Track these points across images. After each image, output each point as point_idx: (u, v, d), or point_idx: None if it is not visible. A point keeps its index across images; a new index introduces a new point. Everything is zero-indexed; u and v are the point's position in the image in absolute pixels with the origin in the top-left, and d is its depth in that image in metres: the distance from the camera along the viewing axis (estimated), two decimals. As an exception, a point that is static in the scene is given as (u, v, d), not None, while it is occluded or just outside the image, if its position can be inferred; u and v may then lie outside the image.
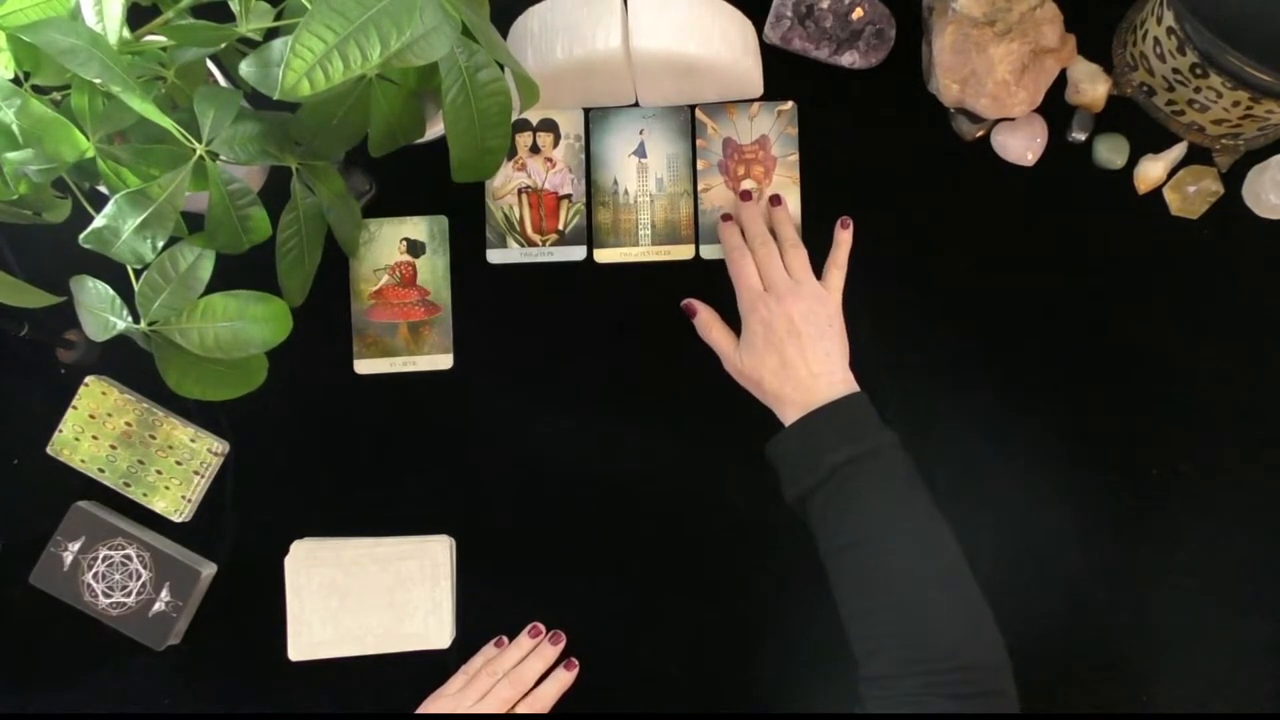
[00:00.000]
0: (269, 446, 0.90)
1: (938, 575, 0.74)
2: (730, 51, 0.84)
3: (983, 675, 0.71)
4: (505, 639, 0.87)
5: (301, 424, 0.90)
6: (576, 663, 0.87)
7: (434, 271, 0.91)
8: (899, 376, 0.89)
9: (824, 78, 0.91)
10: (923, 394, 0.89)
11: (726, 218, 0.88)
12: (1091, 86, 0.88)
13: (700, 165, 0.91)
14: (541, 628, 0.87)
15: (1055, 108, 0.89)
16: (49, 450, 0.88)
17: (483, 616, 0.88)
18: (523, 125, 0.92)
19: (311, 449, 0.90)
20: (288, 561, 0.88)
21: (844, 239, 0.88)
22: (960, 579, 0.74)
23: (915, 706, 0.69)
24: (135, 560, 0.86)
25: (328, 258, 0.82)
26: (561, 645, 0.87)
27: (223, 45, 0.69)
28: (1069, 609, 0.87)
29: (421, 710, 0.85)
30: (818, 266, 0.87)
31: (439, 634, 0.88)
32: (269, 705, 0.88)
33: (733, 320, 0.87)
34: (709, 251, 0.90)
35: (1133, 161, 0.89)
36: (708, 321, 0.87)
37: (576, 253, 0.91)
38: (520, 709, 0.84)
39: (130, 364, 0.87)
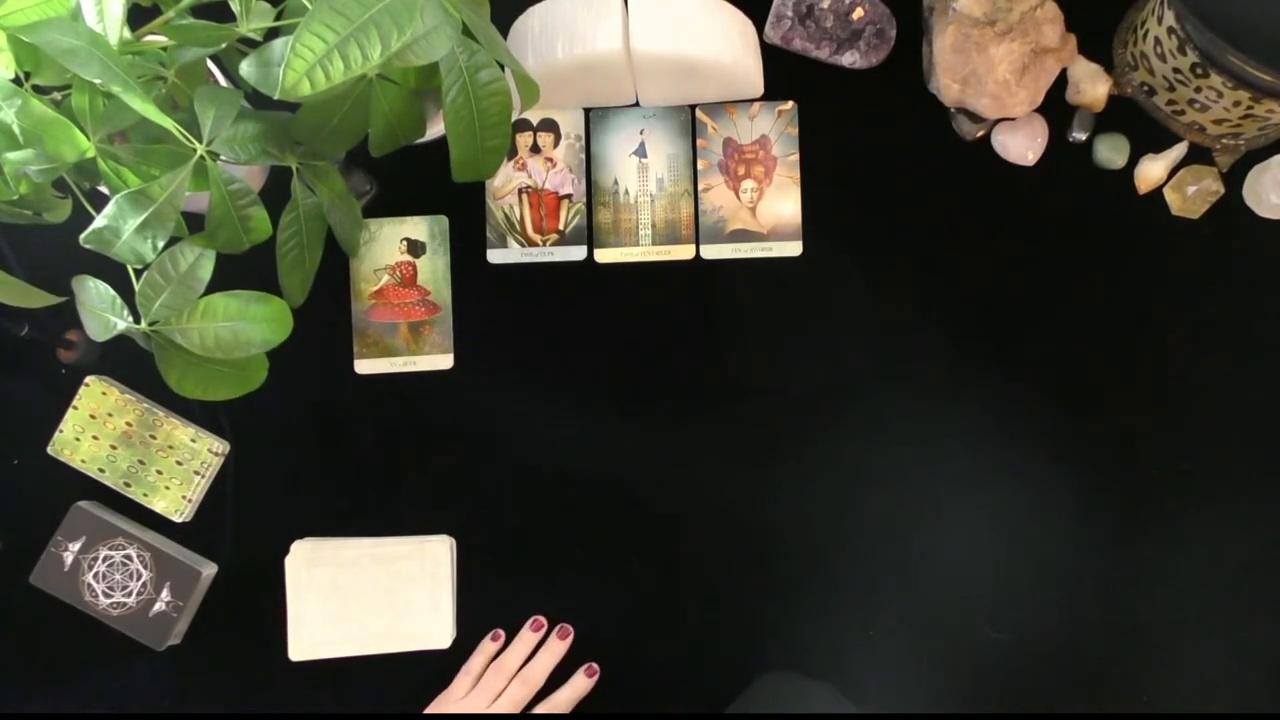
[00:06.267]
0: (269, 446, 0.90)
1: None
2: (730, 51, 0.84)
3: None
4: (501, 632, 0.87)
5: (301, 424, 0.90)
6: (597, 668, 0.86)
7: (434, 271, 0.91)
8: (898, 376, 0.89)
9: (824, 78, 0.91)
10: (923, 393, 0.89)
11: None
12: (1092, 86, 0.88)
13: (701, 165, 0.91)
14: (544, 621, 0.87)
15: (1056, 108, 0.89)
16: (49, 450, 0.88)
17: (483, 616, 0.88)
18: (523, 125, 0.92)
19: (311, 449, 0.90)
20: (288, 561, 0.88)
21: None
22: None
23: None
24: (135, 560, 0.86)
25: (328, 258, 0.82)
26: (569, 640, 0.87)
27: (223, 45, 0.69)
28: (1069, 609, 0.87)
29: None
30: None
31: (439, 634, 0.88)
32: (269, 705, 0.88)
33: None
34: (709, 251, 0.90)
35: (1133, 161, 0.89)
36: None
37: (577, 253, 0.91)
38: (539, 711, 0.84)
39: (130, 364, 0.87)
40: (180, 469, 0.88)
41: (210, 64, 0.80)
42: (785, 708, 0.82)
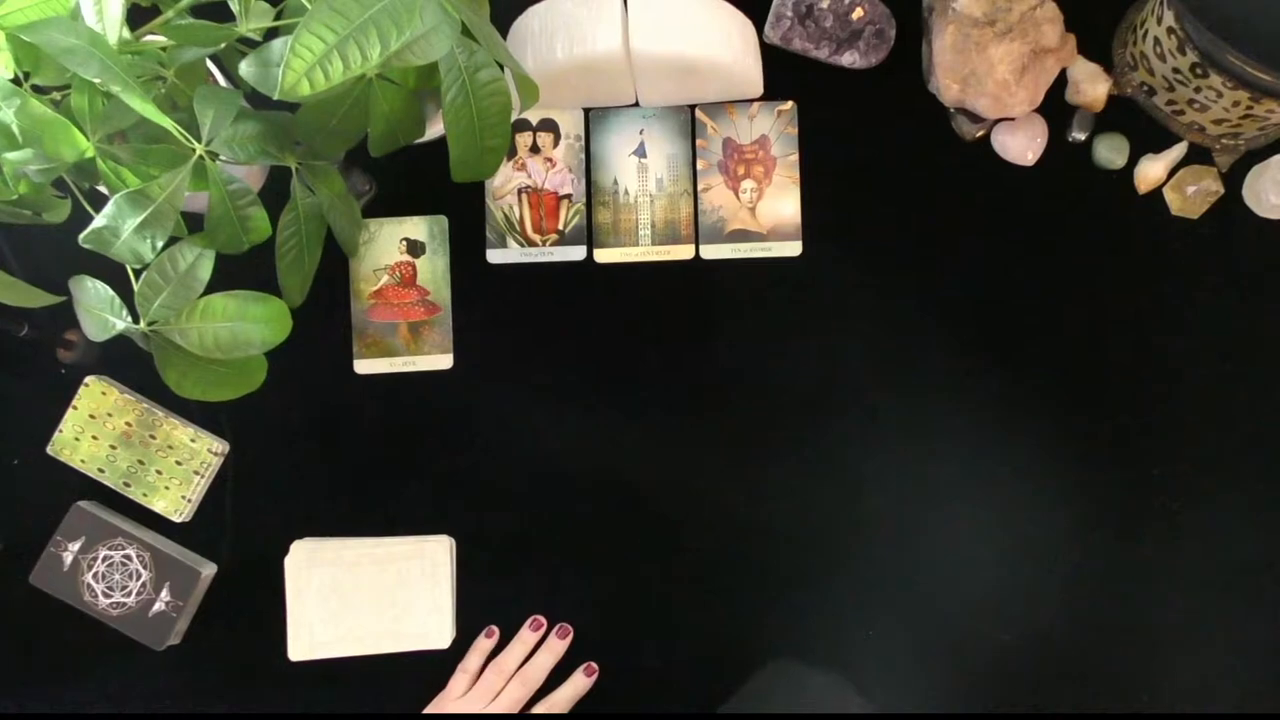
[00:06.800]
0: (269, 446, 0.90)
1: None
2: (730, 51, 0.84)
3: None
4: (496, 629, 0.87)
5: (301, 424, 0.90)
6: (596, 667, 0.86)
7: (434, 271, 0.91)
8: (899, 376, 0.89)
9: (824, 78, 0.91)
10: (923, 393, 0.89)
11: None
12: (1091, 86, 0.88)
13: (700, 165, 0.91)
14: (543, 620, 0.87)
15: (1055, 108, 0.89)
16: (49, 450, 0.88)
17: (483, 616, 0.88)
18: (523, 125, 0.92)
19: (311, 449, 0.90)
20: (288, 561, 0.88)
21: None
22: None
23: None
24: (135, 560, 0.86)
25: (328, 258, 0.82)
26: (569, 639, 0.86)
27: (223, 45, 0.69)
28: (1069, 609, 0.87)
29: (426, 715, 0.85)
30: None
31: (439, 634, 0.88)
32: (269, 705, 0.88)
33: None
34: (709, 251, 0.90)
35: (1133, 161, 0.89)
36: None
37: (576, 253, 0.91)
38: (538, 710, 0.84)
39: (130, 364, 0.87)
40: (180, 469, 0.88)
41: (210, 64, 0.80)
42: (789, 695, 0.82)
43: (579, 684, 0.86)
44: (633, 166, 0.91)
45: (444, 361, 0.90)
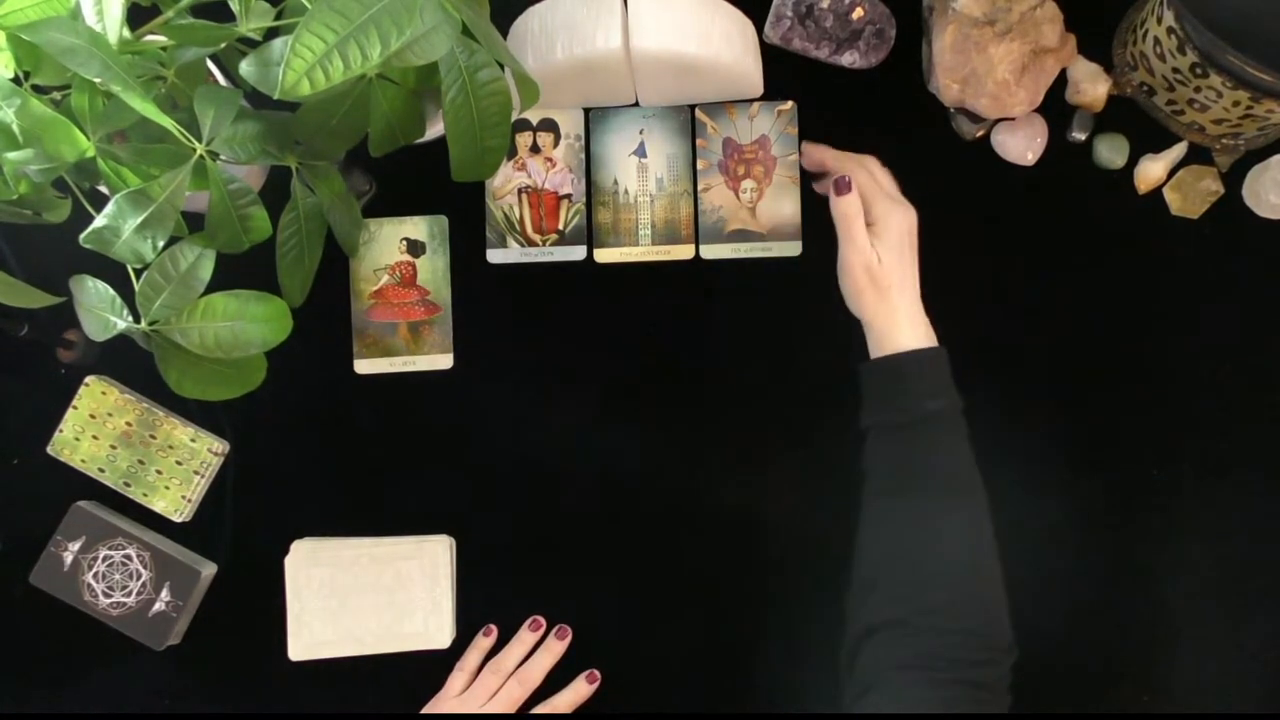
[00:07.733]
0: (269, 446, 0.90)
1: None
2: (730, 51, 0.84)
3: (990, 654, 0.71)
4: (494, 628, 0.87)
5: (301, 424, 0.90)
6: (599, 676, 0.86)
7: (434, 271, 0.91)
8: (899, 376, 0.89)
9: (824, 78, 0.91)
10: (923, 394, 0.89)
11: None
12: (1092, 86, 0.88)
13: (700, 165, 0.91)
14: (542, 621, 0.87)
15: (1055, 108, 0.89)
16: (49, 450, 0.88)
17: (483, 616, 0.88)
18: (523, 125, 0.92)
19: (311, 449, 0.90)
20: (288, 561, 0.88)
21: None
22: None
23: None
24: (135, 560, 0.86)
25: (328, 258, 0.82)
26: (568, 640, 0.87)
27: (223, 45, 0.69)
28: (1068, 609, 0.87)
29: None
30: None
31: (439, 634, 0.88)
32: (269, 705, 0.88)
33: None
34: (709, 251, 0.90)
35: (1133, 161, 0.89)
36: (854, 213, 0.80)
37: (576, 253, 0.91)
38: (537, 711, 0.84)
39: (130, 364, 0.87)
40: (180, 469, 0.88)
41: (210, 64, 0.80)
42: None
43: (580, 690, 0.85)
44: (633, 166, 0.91)
45: (444, 361, 0.90)
